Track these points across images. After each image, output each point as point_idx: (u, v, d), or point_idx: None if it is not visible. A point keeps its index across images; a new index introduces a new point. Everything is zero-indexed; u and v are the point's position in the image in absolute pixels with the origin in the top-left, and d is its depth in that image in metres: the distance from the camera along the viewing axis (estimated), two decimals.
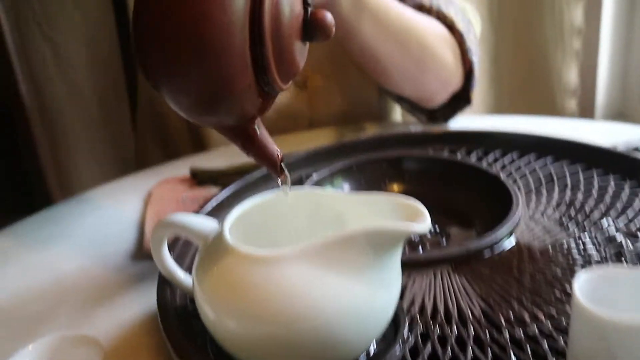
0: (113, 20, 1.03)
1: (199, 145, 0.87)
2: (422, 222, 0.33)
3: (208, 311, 0.34)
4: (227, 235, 0.34)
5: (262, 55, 0.31)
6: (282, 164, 0.35)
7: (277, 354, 0.33)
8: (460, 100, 0.84)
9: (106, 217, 0.65)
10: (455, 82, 0.80)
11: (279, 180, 0.36)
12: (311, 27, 0.34)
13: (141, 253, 0.56)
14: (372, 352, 0.36)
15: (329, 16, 0.34)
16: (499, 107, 1.43)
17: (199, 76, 0.30)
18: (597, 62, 1.41)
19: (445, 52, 0.76)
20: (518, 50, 1.39)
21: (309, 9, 0.34)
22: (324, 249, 0.32)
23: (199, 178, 0.66)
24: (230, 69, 0.30)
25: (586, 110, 1.45)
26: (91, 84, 1.13)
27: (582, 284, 0.29)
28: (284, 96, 0.85)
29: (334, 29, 0.34)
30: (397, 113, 0.94)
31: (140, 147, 0.96)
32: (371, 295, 0.33)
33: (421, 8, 0.78)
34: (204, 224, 0.38)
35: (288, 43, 0.32)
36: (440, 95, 0.80)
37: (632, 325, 0.26)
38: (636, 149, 0.61)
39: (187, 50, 0.29)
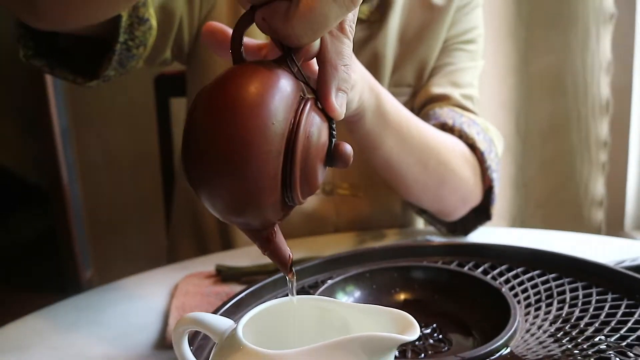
0: (155, 126, 1.14)
1: (227, 244, 0.93)
2: (412, 333, 0.37)
3: None
4: (240, 334, 0.39)
5: (291, 178, 0.37)
6: (292, 265, 0.41)
7: None
8: (480, 214, 0.89)
9: (135, 307, 0.70)
10: (474, 199, 0.85)
11: (288, 282, 0.41)
12: (334, 156, 0.40)
13: (164, 343, 0.62)
14: None
15: (348, 148, 0.40)
16: (524, 216, 1.48)
17: (235, 190, 0.36)
18: (626, 175, 1.46)
19: (464, 169, 0.82)
20: (545, 162, 1.45)
21: (334, 140, 0.40)
22: (324, 351, 0.37)
23: (223, 275, 0.72)
24: (263, 188, 0.36)
25: (615, 222, 1.48)
26: (131, 175, 1.23)
27: None
28: (313, 202, 0.91)
29: (352, 159, 0.40)
30: (420, 222, 0.99)
31: (173, 241, 1.03)
32: None
33: (444, 127, 0.85)
34: (221, 322, 0.43)
35: (313, 168, 0.38)
36: (459, 210, 0.85)
37: None
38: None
39: (229, 169, 0.36)
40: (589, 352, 0.48)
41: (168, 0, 0.77)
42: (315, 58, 0.40)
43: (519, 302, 0.56)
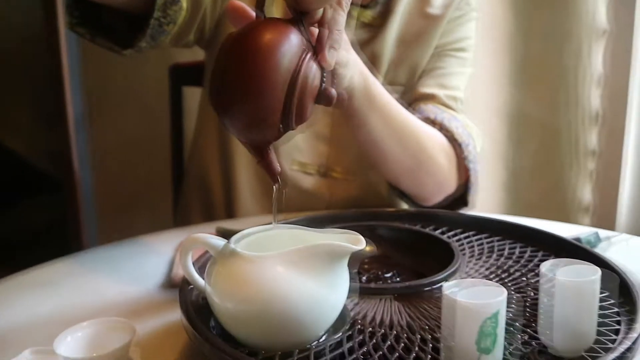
0: (169, 114, 1.31)
1: (233, 216, 1.10)
2: (360, 245, 0.54)
3: (213, 296, 0.55)
4: (232, 244, 0.56)
5: (289, 106, 0.55)
6: (279, 176, 0.58)
7: (261, 330, 0.54)
8: (458, 202, 1.05)
9: (147, 258, 0.87)
10: (449, 185, 1.01)
11: (275, 190, 0.59)
12: (322, 96, 0.58)
13: (169, 284, 0.78)
14: (323, 337, 0.56)
15: (333, 92, 0.59)
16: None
17: (251, 110, 0.54)
18: (616, 183, 1.61)
19: (441, 157, 0.98)
20: (535, 168, 1.61)
21: (323, 85, 0.59)
22: (295, 255, 0.53)
23: (222, 234, 0.89)
24: (269, 111, 0.54)
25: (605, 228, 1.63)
26: (142, 162, 1.40)
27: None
28: (310, 182, 1.08)
29: (334, 101, 0.59)
30: (404, 205, 1.16)
31: (183, 217, 1.20)
32: (324, 291, 0.54)
33: (427, 120, 1.01)
34: (217, 241, 0.59)
35: (306, 102, 0.57)
36: (434, 196, 1.01)
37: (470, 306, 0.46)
38: (577, 239, 0.80)
39: (249, 94, 0.54)
40: (510, 287, 0.64)
41: None
42: (317, 23, 0.59)
43: (464, 254, 0.73)
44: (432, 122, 1.00)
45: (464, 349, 0.47)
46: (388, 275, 0.73)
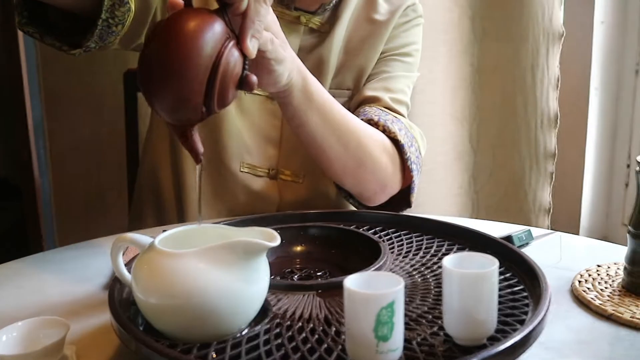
0: (123, 117, 1.35)
1: (182, 215, 1.14)
2: (275, 242, 0.59)
3: (137, 291, 0.59)
4: (156, 241, 0.60)
5: (211, 88, 0.60)
6: (201, 156, 0.64)
7: (182, 323, 0.58)
8: (401, 202, 1.10)
9: (94, 260, 0.91)
10: (392, 185, 1.06)
11: (198, 170, 0.64)
12: (243, 82, 0.64)
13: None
14: (245, 330, 0.60)
15: (254, 78, 0.65)
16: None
17: (175, 91, 0.60)
18: (579, 185, 1.68)
19: (382, 157, 1.02)
20: (495, 171, 1.67)
21: (245, 72, 0.64)
22: (211, 251, 0.58)
23: None
24: (191, 91, 0.60)
25: (565, 229, 1.69)
26: (97, 165, 1.43)
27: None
28: (260, 184, 1.12)
29: (255, 87, 0.65)
30: (351, 207, 1.20)
31: (135, 215, 1.23)
32: (241, 286, 0.58)
33: (370, 122, 1.06)
34: (145, 239, 0.64)
35: (227, 86, 0.62)
36: (378, 195, 1.06)
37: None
38: (509, 237, 0.86)
39: (173, 76, 0.59)
40: (431, 282, 0.69)
41: None
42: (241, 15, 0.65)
43: (392, 251, 0.78)
44: (375, 124, 1.05)
45: (363, 337, 0.51)
46: (319, 273, 0.77)
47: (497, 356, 0.52)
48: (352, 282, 0.53)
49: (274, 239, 0.59)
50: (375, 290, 0.51)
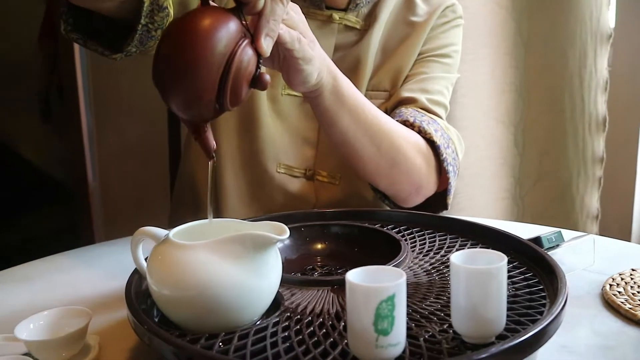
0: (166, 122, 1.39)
1: (219, 216, 1.15)
2: (284, 235, 0.59)
3: (151, 282, 0.61)
4: (170, 234, 0.61)
5: (224, 86, 0.61)
6: (214, 153, 0.65)
7: (193, 314, 0.59)
8: (437, 204, 1.08)
9: (126, 255, 0.93)
10: (427, 186, 1.04)
11: (210, 166, 0.65)
12: (256, 81, 0.65)
13: None
14: (257, 322, 0.61)
15: (267, 77, 0.66)
16: None
17: (186, 90, 0.61)
18: (631, 190, 1.62)
19: (416, 157, 1.01)
20: (541, 176, 1.62)
21: (259, 71, 0.65)
22: (221, 243, 0.59)
23: None
24: (204, 89, 0.61)
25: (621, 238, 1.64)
26: (143, 166, 1.47)
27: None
28: (296, 185, 1.13)
29: (267, 86, 0.66)
30: (387, 208, 1.20)
31: (176, 214, 1.26)
32: (250, 278, 0.58)
33: (405, 123, 1.05)
34: (161, 232, 0.65)
35: (240, 84, 0.63)
36: (412, 197, 1.05)
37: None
38: (538, 238, 0.83)
39: (186, 74, 0.60)
40: (449, 280, 0.68)
41: None
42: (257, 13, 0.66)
43: (413, 250, 0.77)
44: (411, 125, 1.03)
45: (363, 330, 0.51)
46: (340, 270, 0.77)
47: (503, 354, 0.51)
48: (354, 275, 0.52)
49: (283, 233, 0.59)
50: (376, 282, 0.51)
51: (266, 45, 0.66)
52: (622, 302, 0.73)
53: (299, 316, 0.61)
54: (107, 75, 1.65)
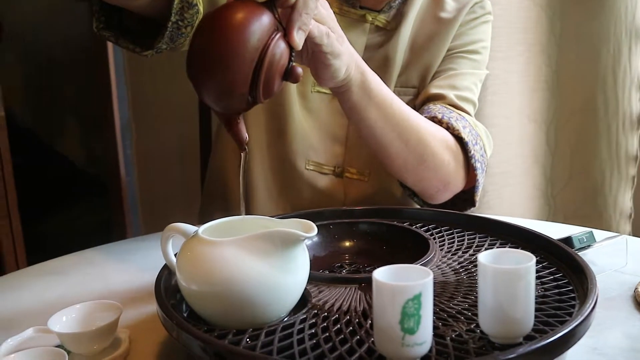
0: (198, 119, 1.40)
1: (249, 212, 1.15)
2: (312, 232, 0.59)
3: (180, 278, 0.61)
4: (199, 230, 0.62)
5: (257, 78, 0.62)
6: (246, 145, 0.65)
7: (220, 310, 0.59)
8: (466, 201, 1.07)
9: (155, 251, 0.94)
10: (455, 183, 1.04)
11: (243, 158, 0.66)
12: (289, 73, 0.65)
13: None
14: (285, 319, 0.61)
15: (299, 70, 0.66)
16: None
17: (221, 81, 0.61)
18: None
19: (444, 153, 1.00)
20: (574, 174, 1.60)
21: (291, 64, 0.65)
22: (249, 240, 0.59)
23: None
24: (237, 82, 0.61)
25: None
26: (177, 164, 1.48)
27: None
28: (325, 182, 1.13)
29: (300, 79, 0.66)
30: (416, 205, 1.19)
31: (205, 210, 1.27)
32: (277, 275, 0.59)
33: (433, 119, 1.04)
34: (191, 229, 0.65)
35: (273, 77, 0.63)
36: (441, 193, 1.04)
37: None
38: (569, 238, 0.82)
39: (219, 66, 0.60)
40: (474, 273, 0.67)
41: None
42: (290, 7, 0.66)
43: (442, 249, 0.76)
44: (439, 121, 1.03)
45: (389, 329, 0.50)
46: (368, 268, 0.77)
47: (530, 355, 0.50)
48: (381, 274, 0.52)
49: (311, 230, 0.59)
50: (403, 281, 0.51)
51: (299, 38, 0.66)
52: None
53: (325, 313, 0.61)
54: (143, 73, 1.66)
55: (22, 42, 2.48)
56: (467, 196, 1.07)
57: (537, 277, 0.64)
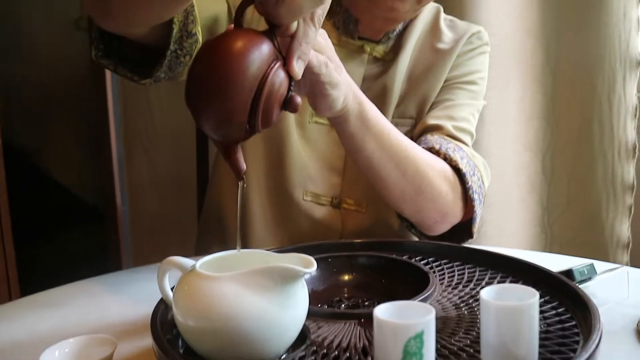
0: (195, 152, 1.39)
1: (246, 244, 1.14)
2: (311, 268, 0.58)
3: (177, 313, 0.60)
4: (197, 265, 0.61)
5: (256, 107, 0.61)
6: (243, 174, 0.64)
7: (218, 346, 0.58)
8: (463, 233, 1.06)
9: (153, 283, 0.93)
10: (453, 214, 1.03)
11: (240, 187, 0.64)
12: (288, 103, 0.64)
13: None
14: (284, 356, 0.60)
15: (298, 99, 0.65)
16: None
17: (218, 111, 0.60)
18: None
19: (442, 184, 1.00)
20: (570, 203, 1.59)
21: (290, 93, 0.64)
22: (248, 275, 0.58)
23: None
24: (235, 110, 0.60)
25: None
26: (172, 194, 1.47)
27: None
28: (322, 213, 1.12)
29: (299, 108, 0.65)
30: (414, 237, 1.18)
31: (202, 242, 1.26)
32: (276, 311, 0.57)
33: (431, 150, 1.04)
34: (188, 262, 0.64)
35: (272, 106, 0.62)
36: (439, 225, 1.03)
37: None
38: (569, 270, 0.81)
39: (217, 94, 0.59)
40: (478, 315, 0.66)
41: (214, 24, 1.01)
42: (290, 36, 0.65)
43: (442, 282, 0.75)
44: (437, 152, 1.02)
45: None
46: (367, 303, 0.75)
47: None
48: (382, 311, 0.51)
49: (311, 265, 0.58)
50: (405, 319, 0.50)
51: (298, 68, 0.65)
52: None
53: (325, 350, 0.60)
54: (138, 102, 1.66)
55: (21, 70, 2.50)
56: (465, 227, 1.06)
57: (540, 312, 0.63)
